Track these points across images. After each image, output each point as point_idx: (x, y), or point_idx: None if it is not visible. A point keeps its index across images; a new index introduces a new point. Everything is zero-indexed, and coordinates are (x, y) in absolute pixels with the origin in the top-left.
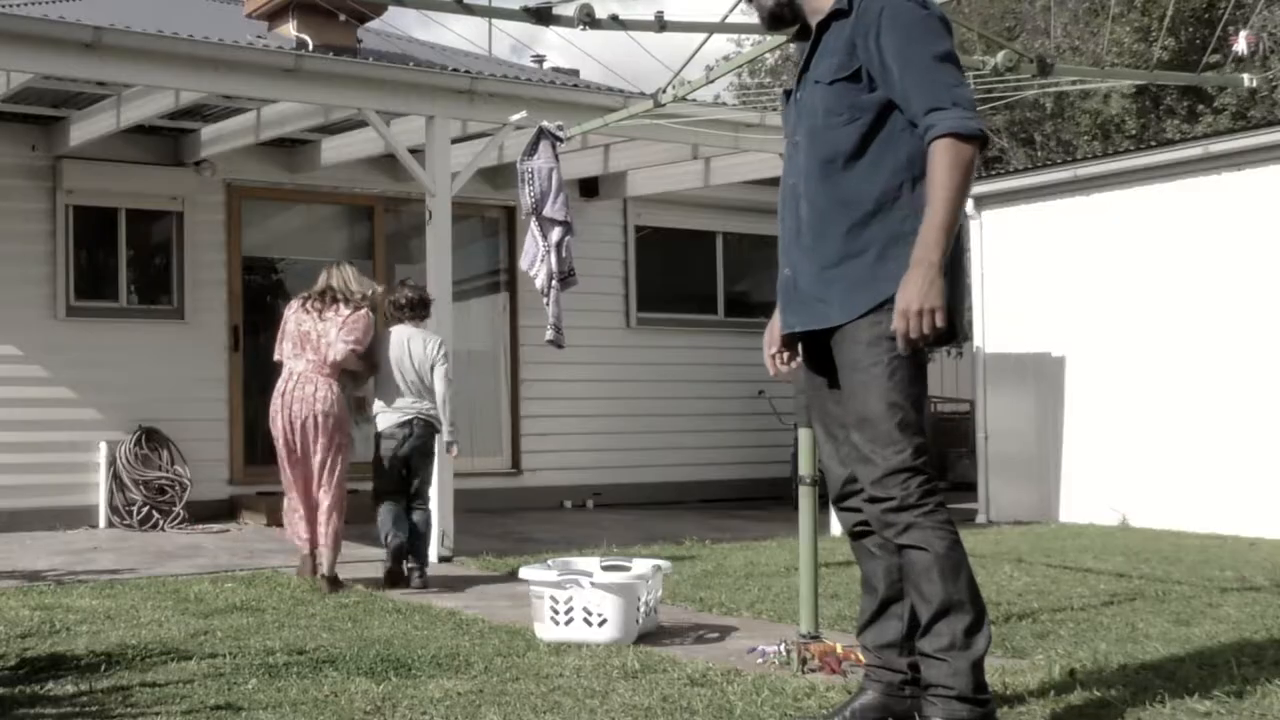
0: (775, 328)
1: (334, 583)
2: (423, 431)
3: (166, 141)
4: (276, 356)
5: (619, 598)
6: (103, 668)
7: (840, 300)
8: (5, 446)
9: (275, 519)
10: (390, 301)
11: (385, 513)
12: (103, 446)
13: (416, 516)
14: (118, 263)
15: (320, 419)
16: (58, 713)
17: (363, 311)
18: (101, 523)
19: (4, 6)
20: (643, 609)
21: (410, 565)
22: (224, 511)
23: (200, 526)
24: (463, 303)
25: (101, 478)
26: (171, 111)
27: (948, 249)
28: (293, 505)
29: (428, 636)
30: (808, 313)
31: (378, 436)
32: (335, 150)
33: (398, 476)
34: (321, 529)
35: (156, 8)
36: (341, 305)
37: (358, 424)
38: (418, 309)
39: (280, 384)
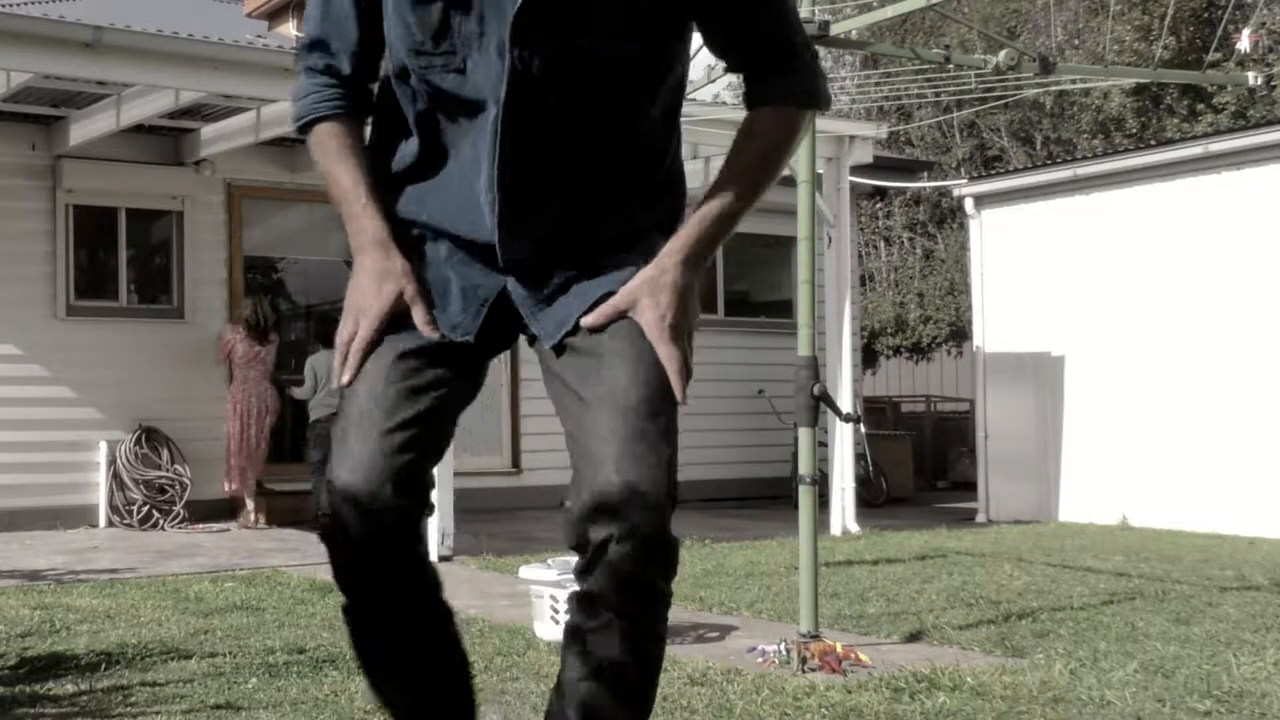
0: (402, 279)
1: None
2: None
3: (166, 141)
4: (223, 365)
5: None
6: (103, 667)
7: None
8: (5, 446)
9: (275, 518)
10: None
11: (319, 480)
12: (103, 446)
13: None
14: (118, 262)
15: (268, 409)
16: (58, 712)
17: (275, 336)
18: (101, 522)
19: (4, 6)
20: None
21: None
22: (224, 511)
23: (200, 526)
24: None
25: (101, 477)
26: (171, 111)
27: None
28: (236, 465)
29: None
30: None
31: (315, 423)
32: None
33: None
34: (250, 480)
35: (156, 7)
36: (267, 332)
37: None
38: None
39: (239, 386)
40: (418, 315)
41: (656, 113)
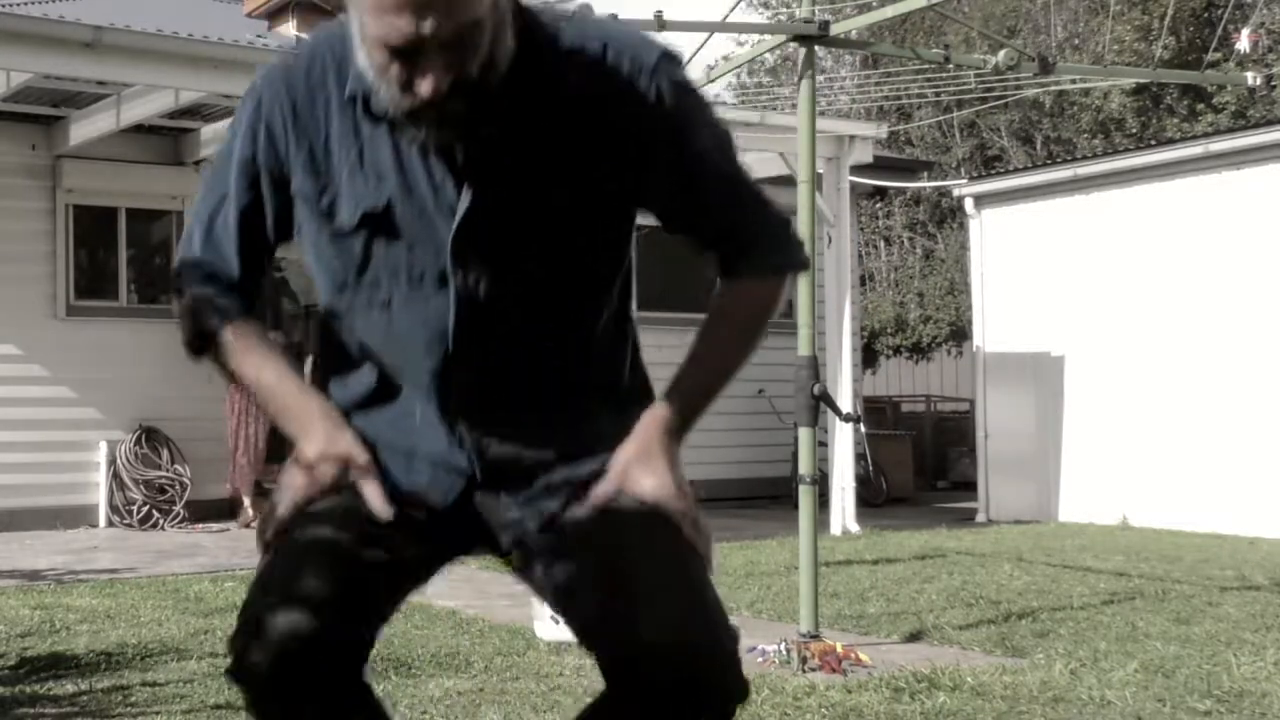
0: (349, 444)
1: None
2: None
3: (166, 141)
4: None
5: None
6: (103, 667)
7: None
8: (5, 446)
9: None
10: None
11: None
12: (103, 446)
13: None
14: (118, 262)
15: None
16: (58, 712)
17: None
18: (101, 522)
19: (4, 6)
20: None
21: None
22: (224, 511)
23: (200, 526)
24: None
25: (102, 477)
26: (171, 111)
27: None
28: (240, 465)
29: (428, 635)
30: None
31: None
32: None
33: None
34: (248, 480)
35: (156, 7)
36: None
37: None
38: None
39: (238, 385)
40: (369, 491)
41: (609, 313)
